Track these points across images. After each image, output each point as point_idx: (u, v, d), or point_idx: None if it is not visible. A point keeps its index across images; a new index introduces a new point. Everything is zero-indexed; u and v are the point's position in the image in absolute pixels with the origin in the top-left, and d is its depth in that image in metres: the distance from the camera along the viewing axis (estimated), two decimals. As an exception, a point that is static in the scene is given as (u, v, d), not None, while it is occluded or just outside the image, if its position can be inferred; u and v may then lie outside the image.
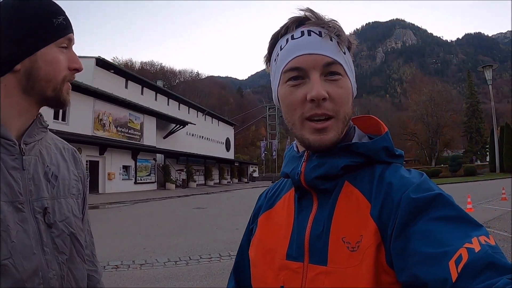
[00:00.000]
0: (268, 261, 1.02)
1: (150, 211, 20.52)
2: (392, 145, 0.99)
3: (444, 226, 0.76)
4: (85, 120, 32.55)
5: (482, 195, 21.65)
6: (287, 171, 1.06)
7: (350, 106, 0.97)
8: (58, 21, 1.17)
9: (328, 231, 0.92)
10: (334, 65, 0.94)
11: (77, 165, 1.38)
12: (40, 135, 1.23)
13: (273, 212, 1.12)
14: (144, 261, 8.36)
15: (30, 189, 1.11)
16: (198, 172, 55.31)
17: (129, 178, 38.37)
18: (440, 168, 61.42)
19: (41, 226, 1.11)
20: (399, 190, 0.86)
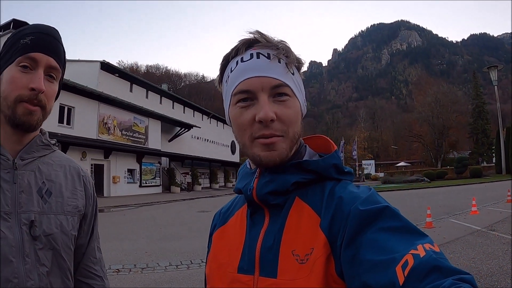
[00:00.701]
0: (220, 275, 1.05)
1: (153, 215, 20.55)
2: (341, 163, 1.04)
3: (391, 236, 0.79)
4: (89, 124, 32.68)
5: (487, 197, 21.45)
6: (240, 187, 1.08)
7: (299, 126, 1.01)
8: (24, 42, 1.20)
9: (278, 244, 0.94)
10: (281, 87, 0.97)
11: (80, 184, 1.43)
12: (41, 152, 1.33)
13: (226, 228, 1.15)
14: (145, 265, 8.39)
15: (19, 202, 1.20)
16: (203, 175, 55.50)
17: (134, 182, 38.52)
18: (446, 169, 61.18)
19: (25, 237, 1.18)
20: (348, 203, 0.89)
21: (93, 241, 1.48)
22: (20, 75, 1.19)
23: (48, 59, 1.22)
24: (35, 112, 1.21)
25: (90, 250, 1.46)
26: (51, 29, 1.29)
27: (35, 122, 1.23)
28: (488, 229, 11.09)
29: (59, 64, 1.27)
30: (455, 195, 25.73)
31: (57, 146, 1.44)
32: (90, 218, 1.46)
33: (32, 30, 1.24)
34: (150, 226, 15.31)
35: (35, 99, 1.20)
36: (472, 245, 9.17)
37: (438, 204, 18.83)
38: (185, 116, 55.09)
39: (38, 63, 1.20)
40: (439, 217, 13.96)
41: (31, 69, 1.20)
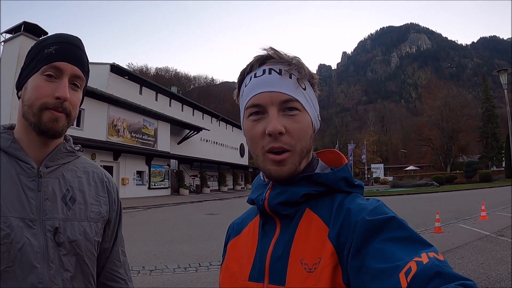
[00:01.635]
0: (232, 283, 1.08)
1: (162, 217, 20.60)
2: (351, 176, 1.05)
3: (396, 245, 0.80)
4: (99, 126, 32.84)
5: (497, 202, 21.35)
6: (253, 197, 1.12)
7: (308, 140, 1.04)
8: (48, 51, 1.23)
9: (288, 254, 0.97)
10: (291, 102, 1.01)
11: (104, 190, 1.47)
12: (65, 159, 1.36)
13: (240, 238, 1.19)
14: (154, 267, 8.43)
15: (44, 209, 1.24)
16: (212, 177, 55.49)
17: (143, 184, 38.61)
18: (455, 174, 60.85)
19: (50, 243, 1.22)
20: (356, 214, 0.91)
21: (117, 245, 1.51)
22: (45, 84, 1.22)
23: (72, 68, 1.25)
24: (60, 118, 1.25)
25: (114, 254, 1.50)
26: (75, 38, 1.32)
27: (60, 129, 1.26)
28: (497, 235, 11.03)
29: (83, 73, 1.30)
30: (464, 199, 25.59)
31: (81, 152, 1.47)
32: (114, 223, 1.50)
33: (56, 39, 1.27)
34: (159, 228, 15.36)
35: (60, 107, 1.23)
36: (481, 250, 9.11)
37: (447, 208, 18.79)
38: (194, 118, 55.24)
39: (62, 72, 1.24)
40: (448, 222, 13.90)
41: (56, 78, 1.23)
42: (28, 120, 1.24)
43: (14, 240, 1.14)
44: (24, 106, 1.24)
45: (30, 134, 1.27)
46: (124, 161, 35.44)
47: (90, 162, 1.50)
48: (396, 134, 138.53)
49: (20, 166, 1.24)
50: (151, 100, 45.81)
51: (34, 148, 1.28)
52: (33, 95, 1.22)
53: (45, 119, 1.22)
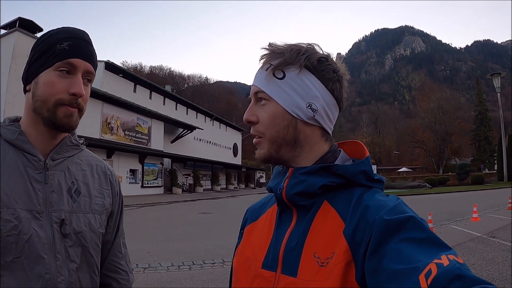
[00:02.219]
0: (245, 269, 1.09)
1: (155, 216, 20.56)
2: (371, 170, 1.04)
3: (414, 246, 0.79)
4: (93, 124, 32.71)
5: (489, 204, 21.50)
6: (272, 185, 1.12)
7: (281, 129, 1.05)
8: (61, 47, 1.24)
9: (302, 245, 0.97)
10: (260, 93, 1.07)
11: (107, 183, 1.49)
12: (70, 152, 1.39)
13: (257, 224, 1.19)
14: (147, 265, 8.45)
15: (50, 201, 1.26)
16: (205, 177, 55.46)
17: (136, 182, 38.52)
18: (448, 176, 61.14)
19: (56, 234, 1.24)
20: (374, 212, 0.90)
21: (119, 237, 1.54)
22: (59, 80, 1.24)
23: (86, 64, 1.28)
24: (74, 113, 1.27)
25: (116, 246, 1.52)
26: (85, 34, 1.33)
27: (74, 123, 1.29)
28: (488, 236, 11.15)
29: (94, 68, 1.32)
30: (456, 201, 25.75)
31: (84, 146, 1.49)
32: (116, 216, 1.52)
33: (67, 35, 1.28)
34: (152, 227, 15.36)
35: (75, 103, 1.26)
36: (473, 251, 9.20)
37: (439, 210, 18.91)
38: (188, 117, 55.21)
39: (76, 69, 1.26)
40: (440, 223, 14.00)
41: (70, 74, 1.25)
42: (40, 114, 1.26)
43: (22, 231, 1.17)
44: (37, 101, 1.25)
45: (39, 127, 1.29)
46: (117, 159, 35.33)
47: (93, 156, 1.52)
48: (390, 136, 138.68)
49: (27, 159, 1.26)
50: (145, 98, 45.73)
51: (41, 141, 1.30)
52: (47, 91, 1.23)
53: (60, 114, 1.24)
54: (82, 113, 1.31)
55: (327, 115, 1.07)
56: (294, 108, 1.05)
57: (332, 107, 1.08)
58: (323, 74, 1.05)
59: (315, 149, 1.07)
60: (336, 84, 1.07)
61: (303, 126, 1.06)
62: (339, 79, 1.08)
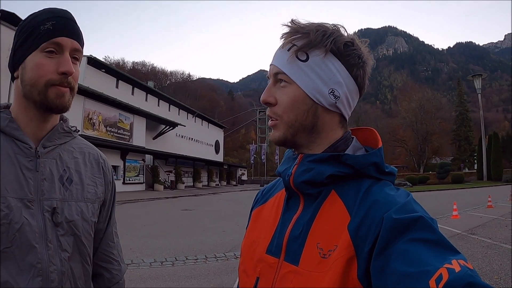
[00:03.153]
0: (251, 252, 1.09)
1: (137, 212, 20.47)
2: (383, 162, 1.00)
3: (423, 248, 0.76)
4: (74, 119, 32.32)
5: (468, 202, 21.87)
6: (280, 170, 1.10)
7: (302, 114, 1.01)
8: (45, 27, 1.21)
9: (306, 234, 0.96)
10: (280, 74, 1.02)
11: (99, 171, 1.47)
12: (62, 139, 1.35)
13: (265, 207, 1.19)
14: (130, 261, 8.39)
15: (42, 189, 1.23)
16: (186, 174, 55.38)
17: (117, 178, 38.18)
18: (428, 175, 61.77)
19: (48, 223, 1.21)
20: (382, 208, 0.87)
21: (111, 226, 1.51)
22: (47, 61, 1.20)
23: (72, 42, 1.24)
24: (66, 93, 1.24)
25: (108, 235, 1.50)
26: (67, 12, 1.29)
27: (67, 103, 1.26)
28: (468, 233, 11.36)
29: (81, 46, 1.29)
30: (436, 199, 26.09)
31: (77, 133, 1.46)
32: (109, 204, 1.50)
33: (49, 15, 1.24)
34: (134, 223, 15.26)
35: (65, 82, 1.23)
36: (453, 248, 9.31)
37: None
38: (170, 114, 55.14)
39: (63, 47, 1.22)
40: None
41: (57, 53, 1.22)
42: (31, 99, 1.23)
43: (13, 220, 1.14)
44: (26, 85, 1.22)
45: (30, 112, 1.26)
46: (99, 155, 35.08)
47: (86, 143, 1.49)
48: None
49: (18, 146, 1.23)
50: (128, 94, 45.49)
51: (32, 127, 1.27)
52: (35, 74, 1.20)
53: (51, 95, 1.21)
54: (74, 93, 1.29)
55: (348, 102, 1.04)
56: (316, 94, 1.01)
57: (353, 94, 1.04)
58: (348, 60, 1.01)
59: (331, 135, 1.04)
60: (360, 71, 1.03)
61: (322, 112, 1.02)
62: (363, 65, 1.03)
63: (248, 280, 1.08)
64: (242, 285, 1.11)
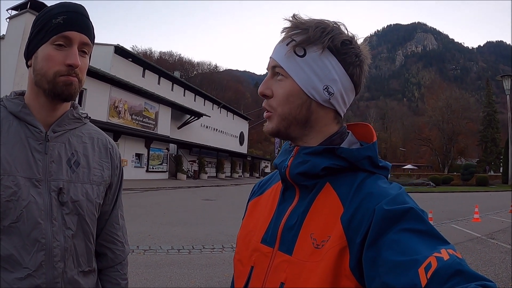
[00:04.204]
0: (246, 242, 1.13)
1: (158, 200, 20.70)
2: (377, 156, 1.03)
3: (413, 237, 0.78)
4: (100, 107, 32.82)
5: (491, 206, 21.42)
6: (277, 162, 1.14)
7: (296, 108, 1.04)
8: (56, 21, 1.30)
9: (300, 225, 0.99)
10: (277, 68, 1.05)
11: (107, 156, 1.57)
12: (72, 125, 1.46)
13: (261, 198, 1.23)
14: (148, 247, 8.54)
15: (49, 170, 1.34)
16: (210, 164, 55.70)
17: (141, 166, 38.64)
18: (453, 175, 60.75)
19: (54, 202, 1.32)
20: (374, 200, 0.89)
21: (117, 208, 1.62)
22: (56, 53, 1.30)
23: (81, 36, 1.33)
24: (74, 82, 1.33)
25: (114, 217, 1.60)
26: (80, 7, 1.38)
27: (73, 91, 1.34)
28: (488, 237, 11.13)
29: (90, 40, 1.37)
30: (459, 201, 25.70)
31: (88, 119, 1.57)
32: (115, 188, 1.60)
33: (62, 9, 1.33)
34: (155, 211, 15.45)
35: (73, 73, 1.31)
36: (471, 251, 9.21)
37: (441, 209, 18.90)
38: (195, 104, 55.23)
39: (72, 41, 1.31)
40: (440, 222, 13.98)
41: (66, 46, 1.31)
42: (41, 87, 1.33)
43: (21, 197, 1.25)
44: (37, 74, 1.32)
45: (41, 99, 1.37)
46: (123, 143, 35.43)
47: (95, 129, 1.60)
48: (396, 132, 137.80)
49: (29, 130, 1.34)
50: (154, 83, 45.76)
51: (43, 113, 1.38)
52: (45, 65, 1.30)
53: (59, 83, 1.31)
54: (81, 84, 1.37)
55: (342, 99, 1.06)
56: (310, 89, 1.03)
57: (349, 92, 1.07)
58: (345, 58, 1.03)
59: (325, 130, 1.07)
60: (357, 69, 1.05)
61: (316, 108, 1.05)
62: (360, 64, 1.05)
63: (242, 269, 1.12)
64: (236, 274, 1.16)
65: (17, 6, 29.52)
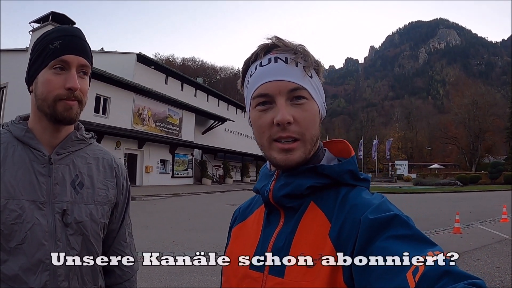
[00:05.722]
0: (234, 270, 1.09)
1: (183, 206, 20.84)
2: (357, 169, 1.04)
3: (400, 243, 0.79)
4: (125, 114, 33.27)
5: (521, 205, 21.02)
6: (258, 187, 1.14)
7: (317, 128, 1.03)
8: (53, 46, 1.34)
9: (289, 246, 0.97)
10: (298, 90, 1.00)
11: (112, 175, 1.60)
12: (76, 146, 1.50)
13: (245, 225, 1.21)
14: (172, 254, 8.52)
15: (53, 193, 1.37)
16: (235, 168, 55.84)
17: (166, 172, 39.07)
18: (480, 174, 59.66)
19: (58, 223, 1.35)
20: (359, 210, 0.90)
21: (124, 226, 1.65)
22: (55, 77, 1.34)
23: (78, 59, 1.37)
24: (74, 106, 1.36)
25: (121, 235, 1.63)
26: (76, 30, 1.43)
27: (74, 115, 1.38)
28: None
29: (88, 61, 1.41)
30: (486, 201, 25.10)
31: (93, 139, 1.60)
32: (122, 206, 1.63)
33: (58, 33, 1.38)
34: (179, 217, 15.54)
35: (72, 96, 1.35)
36: (499, 253, 8.95)
37: (468, 209, 18.54)
38: (219, 109, 55.54)
39: (70, 64, 1.35)
40: (468, 223, 13.64)
41: (64, 70, 1.35)
42: (43, 111, 1.37)
43: (25, 220, 1.29)
44: (38, 99, 1.37)
45: (43, 123, 1.41)
46: (148, 149, 35.86)
47: (101, 149, 1.63)
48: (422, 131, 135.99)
49: (33, 154, 1.38)
50: (177, 90, 46.18)
51: (47, 136, 1.42)
52: (45, 89, 1.34)
53: (60, 109, 1.35)
54: (82, 105, 1.41)
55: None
56: (322, 108, 1.07)
57: None
58: (320, 77, 1.09)
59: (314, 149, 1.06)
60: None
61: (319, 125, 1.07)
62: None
63: None
64: None
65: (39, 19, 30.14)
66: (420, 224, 13.29)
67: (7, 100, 29.10)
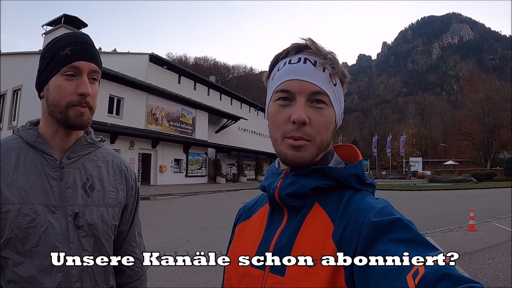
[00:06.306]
0: (235, 267, 1.10)
1: (197, 205, 20.85)
2: (363, 173, 1.06)
3: (401, 246, 0.80)
4: (138, 114, 33.40)
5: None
6: (265, 184, 1.15)
7: (329, 134, 1.05)
8: (64, 53, 1.39)
9: (291, 245, 0.99)
10: (320, 94, 1.01)
11: (121, 178, 1.64)
12: (86, 150, 1.54)
13: (249, 223, 1.22)
14: (186, 253, 8.63)
15: (66, 196, 1.42)
16: (249, 167, 55.89)
17: (180, 171, 39.19)
18: (495, 170, 58.75)
19: (70, 226, 1.40)
20: (362, 213, 0.91)
21: (134, 227, 1.70)
22: (67, 83, 1.38)
23: (89, 65, 1.40)
24: (85, 112, 1.41)
25: (131, 236, 1.68)
26: (85, 36, 1.46)
27: (86, 121, 1.43)
28: (533, 237, 10.57)
29: (98, 67, 1.45)
30: (502, 198, 24.44)
31: (103, 142, 1.65)
32: (131, 208, 1.68)
33: (68, 40, 1.41)
34: (193, 216, 15.59)
35: (84, 102, 1.39)
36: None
37: (483, 206, 18.25)
38: (232, 108, 55.53)
39: (81, 70, 1.38)
40: (483, 220, 13.36)
41: (76, 76, 1.38)
42: (55, 117, 1.41)
43: (39, 224, 1.33)
44: (50, 105, 1.40)
45: (54, 128, 1.44)
46: (162, 149, 36.00)
47: (110, 152, 1.67)
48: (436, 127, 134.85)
49: (45, 158, 1.42)
50: (190, 89, 46.30)
51: (58, 141, 1.46)
52: (57, 95, 1.38)
53: (72, 115, 1.39)
54: (93, 111, 1.46)
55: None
56: (339, 117, 1.09)
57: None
58: (343, 88, 1.11)
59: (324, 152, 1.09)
60: None
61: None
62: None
63: None
64: None
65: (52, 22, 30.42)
66: (434, 221, 13.32)
67: (21, 102, 29.34)
